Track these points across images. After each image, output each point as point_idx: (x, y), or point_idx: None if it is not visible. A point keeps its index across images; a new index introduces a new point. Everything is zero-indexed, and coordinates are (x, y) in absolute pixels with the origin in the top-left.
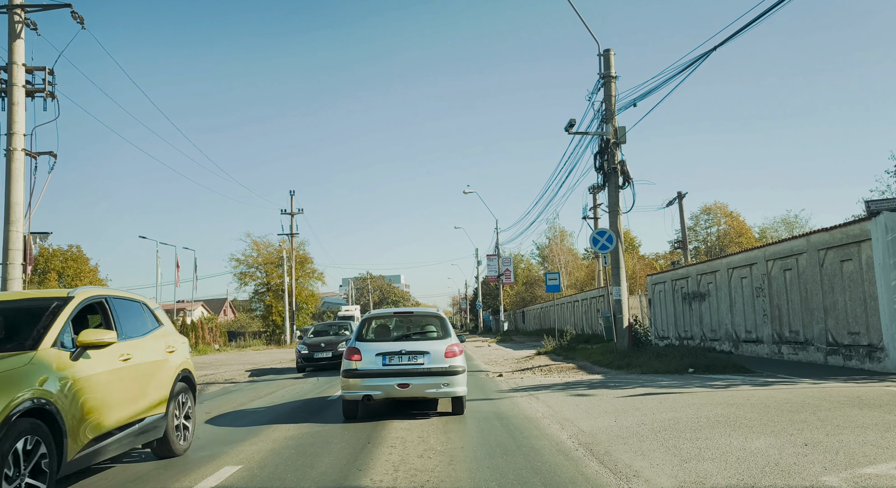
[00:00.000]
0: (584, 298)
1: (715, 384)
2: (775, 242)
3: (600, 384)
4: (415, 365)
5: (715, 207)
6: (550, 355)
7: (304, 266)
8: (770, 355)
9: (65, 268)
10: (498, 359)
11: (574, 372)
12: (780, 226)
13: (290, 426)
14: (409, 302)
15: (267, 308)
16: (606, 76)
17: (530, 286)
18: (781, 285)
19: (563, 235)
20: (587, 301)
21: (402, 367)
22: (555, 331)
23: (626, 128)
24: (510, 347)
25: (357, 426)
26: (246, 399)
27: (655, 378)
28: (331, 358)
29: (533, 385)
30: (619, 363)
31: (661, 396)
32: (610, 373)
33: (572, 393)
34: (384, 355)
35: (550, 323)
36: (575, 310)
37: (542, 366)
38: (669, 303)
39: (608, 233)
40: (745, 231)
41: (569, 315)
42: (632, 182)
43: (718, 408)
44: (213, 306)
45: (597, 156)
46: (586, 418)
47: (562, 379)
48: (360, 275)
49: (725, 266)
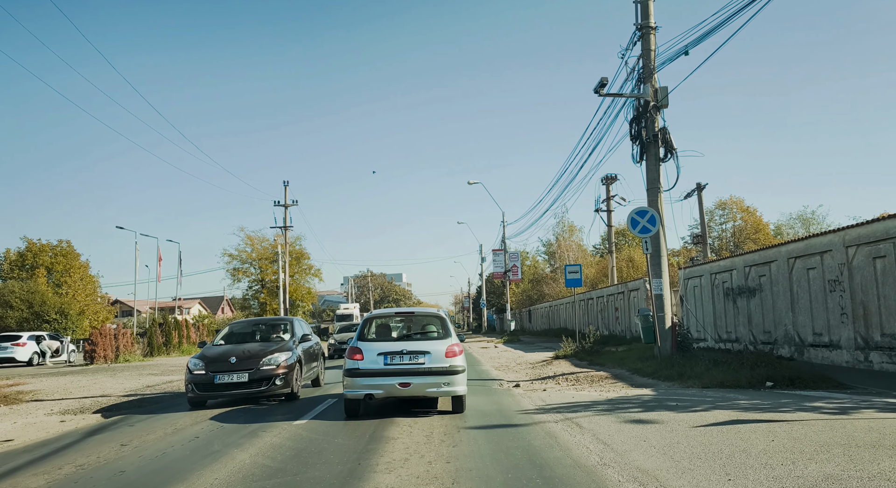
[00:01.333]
0: (600, 296)
1: (818, 406)
2: (858, 224)
3: (656, 403)
4: (416, 364)
5: (731, 202)
6: (571, 359)
7: (301, 262)
8: (852, 363)
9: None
10: (509, 364)
11: (611, 383)
12: (797, 223)
13: None
14: (411, 300)
15: (261, 305)
16: (644, 27)
17: (537, 283)
18: (869, 277)
19: (571, 230)
20: (603, 298)
21: (403, 367)
22: (565, 330)
23: (668, 88)
24: (520, 349)
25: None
26: None
27: (726, 394)
28: (247, 382)
29: (565, 402)
30: (667, 372)
31: (761, 427)
32: (659, 386)
33: (626, 419)
34: (386, 355)
35: (560, 322)
36: (589, 308)
37: (566, 375)
38: (707, 299)
39: (650, 213)
40: (762, 227)
41: (581, 314)
42: (675, 153)
43: (881, 454)
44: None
45: (632, 123)
46: (677, 471)
47: (601, 394)
48: (361, 273)
49: (785, 255)
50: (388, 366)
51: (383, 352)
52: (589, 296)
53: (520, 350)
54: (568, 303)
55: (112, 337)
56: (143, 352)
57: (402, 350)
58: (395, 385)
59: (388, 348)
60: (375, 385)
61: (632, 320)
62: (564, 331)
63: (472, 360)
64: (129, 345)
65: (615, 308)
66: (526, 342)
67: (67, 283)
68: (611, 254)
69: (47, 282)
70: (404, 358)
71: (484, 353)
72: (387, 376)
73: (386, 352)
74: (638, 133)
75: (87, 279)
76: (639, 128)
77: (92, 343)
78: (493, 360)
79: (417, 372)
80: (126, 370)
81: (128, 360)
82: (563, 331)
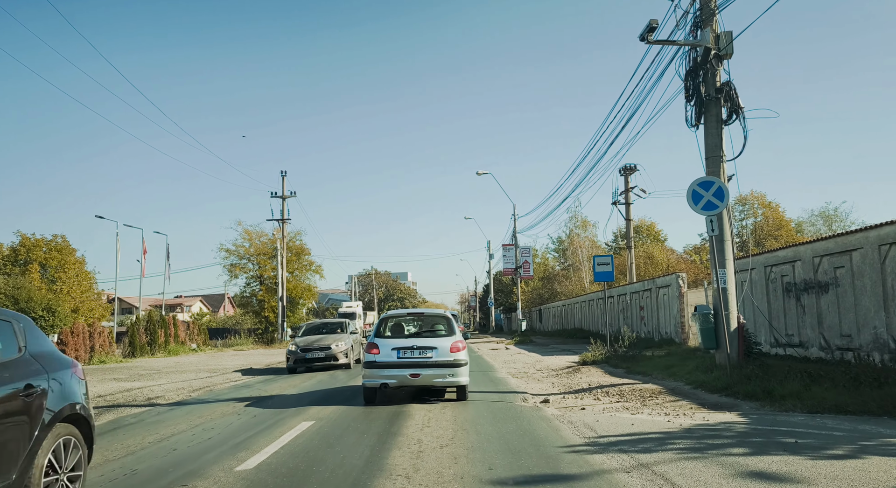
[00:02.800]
0: (622, 294)
1: None
2: None
3: (761, 437)
4: (425, 358)
5: (751, 197)
6: (602, 366)
7: (301, 258)
8: None
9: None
10: (528, 370)
11: (671, 401)
12: (818, 220)
13: None
14: (416, 299)
15: (259, 303)
16: None
17: (548, 281)
18: None
19: (585, 225)
20: (625, 297)
21: (414, 360)
22: (581, 331)
23: (732, 33)
24: (535, 351)
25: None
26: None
27: (857, 425)
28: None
29: (625, 432)
30: (746, 388)
31: None
32: (743, 408)
33: (734, 468)
34: (399, 349)
35: (575, 322)
36: (610, 307)
37: (605, 387)
38: (760, 296)
39: (717, 185)
40: (785, 224)
41: (599, 313)
42: (742, 113)
43: None
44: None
45: (687, 78)
46: None
47: (668, 419)
48: (365, 271)
49: (875, 241)
50: (401, 359)
51: (397, 348)
52: (609, 294)
53: (536, 353)
54: (584, 302)
55: (86, 336)
56: (123, 353)
57: (413, 345)
58: (407, 375)
59: (400, 344)
60: (390, 375)
61: (660, 320)
62: (580, 331)
63: (483, 365)
64: (105, 344)
65: (640, 307)
66: (540, 343)
67: (62, 279)
68: (629, 249)
69: (41, 278)
70: (415, 352)
71: (496, 356)
72: (399, 368)
73: (399, 347)
74: (695, 89)
75: (82, 275)
76: (695, 83)
77: (62, 342)
78: (508, 365)
79: (426, 365)
80: (94, 373)
81: (103, 362)
82: (578, 332)
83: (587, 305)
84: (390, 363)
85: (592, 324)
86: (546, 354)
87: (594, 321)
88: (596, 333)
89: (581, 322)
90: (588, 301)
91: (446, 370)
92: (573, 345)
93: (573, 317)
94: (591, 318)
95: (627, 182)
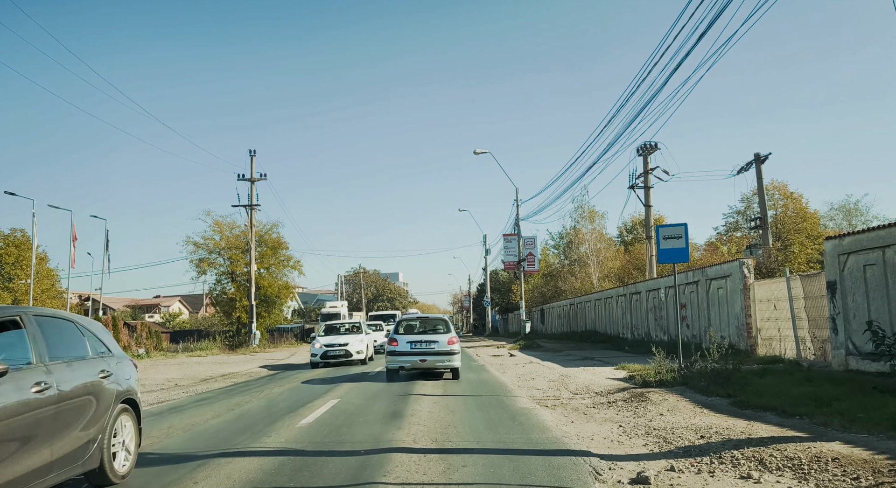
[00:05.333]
0: (654, 288)
1: None
2: None
3: None
4: (430, 348)
5: (772, 187)
6: (681, 390)
7: (278, 252)
8: None
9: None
10: (558, 393)
11: None
12: (838, 215)
13: None
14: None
15: (230, 302)
16: None
17: (551, 279)
18: None
19: (592, 216)
20: (657, 292)
21: (422, 349)
22: (595, 333)
23: None
24: (550, 360)
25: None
26: None
27: None
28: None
29: None
30: None
31: None
32: None
33: None
34: (411, 342)
35: (586, 323)
36: (633, 306)
37: (738, 445)
38: (877, 289)
39: None
40: (810, 217)
41: (619, 314)
42: None
43: None
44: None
45: None
46: None
47: None
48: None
49: None
50: (413, 349)
51: (410, 341)
52: (635, 291)
53: (552, 362)
54: (598, 300)
55: None
56: None
57: (421, 340)
58: (417, 360)
59: (412, 338)
60: (405, 360)
61: (712, 321)
62: (593, 334)
63: (491, 384)
64: None
65: (681, 305)
66: (549, 349)
67: (20, 277)
68: (648, 240)
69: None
70: (422, 344)
71: (503, 367)
72: (412, 355)
73: (412, 341)
74: None
75: (43, 273)
76: None
77: None
78: (525, 384)
79: (430, 353)
80: None
81: None
82: (591, 335)
83: (602, 304)
84: (406, 352)
85: (610, 325)
86: (567, 365)
87: (612, 322)
88: (616, 337)
89: (595, 323)
90: (604, 299)
91: (445, 357)
92: (590, 349)
93: (583, 318)
94: (608, 319)
95: (647, 162)
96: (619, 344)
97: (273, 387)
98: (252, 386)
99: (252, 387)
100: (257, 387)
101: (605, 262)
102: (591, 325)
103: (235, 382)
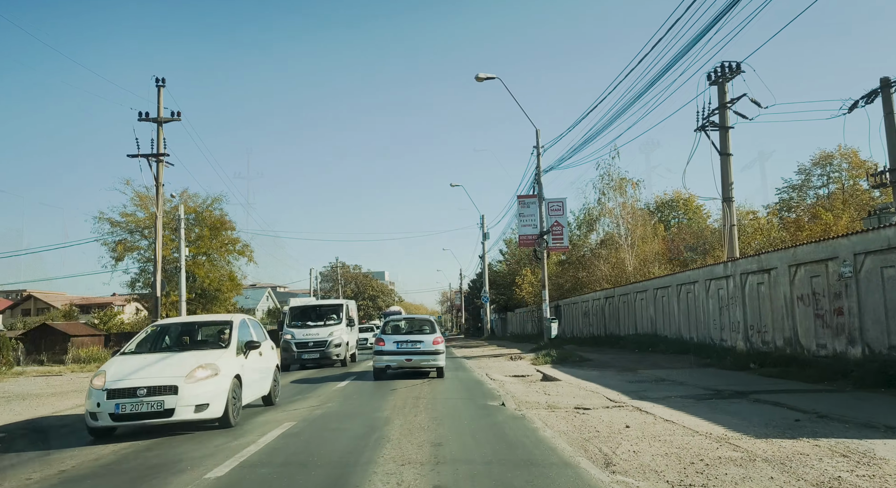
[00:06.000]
0: (760, 270)
1: None
2: None
3: None
4: (415, 348)
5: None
6: None
7: (219, 234)
8: None
9: None
10: None
11: None
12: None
13: None
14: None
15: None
16: None
17: (570, 266)
18: None
19: (621, 186)
20: (765, 276)
21: (408, 349)
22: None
23: None
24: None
25: None
26: None
27: None
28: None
29: None
30: None
31: None
32: None
33: None
34: (398, 342)
35: (636, 325)
36: (749, 294)
37: None
38: None
39: None
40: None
41: (713, 308)
42: None
43: None
44: None
45: None
46: None
47: None
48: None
49: None
50: (399, 349)
51: (396, 341)
52: (712, 275)
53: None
54: (669, 287)
55: None
56: None
57: (407, 340)
58: (403, 360)
59: (399, 339)
60: (392, 360)
61: (888, 324)
62: (653, 338)
63: None
64: None
65: (803, 294)
66: (604, 364)
67: None
68: (727, 203)
69: None
70: (408, 344)
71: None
72: (398, 355)
73: (398, 341)
74: None
75: None
76: None
77: None
78: None
79: (416, 353)
80: None
81: None
82: (649, 341)
83: (674, 293)
84: (392, 351)
85: (693, 327)
86: (732, 424)
87: (694, 322)
88: (705, 345)
89: (655, 324)
90: (676, 285)
91: (430, 356)
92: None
93: (630, 316)
94: (686, 318)
95: (723, 93)
96: (718, 355)
97: None
98: None
99: None
100: None
101: (639, 244)
102: (648, 327)
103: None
